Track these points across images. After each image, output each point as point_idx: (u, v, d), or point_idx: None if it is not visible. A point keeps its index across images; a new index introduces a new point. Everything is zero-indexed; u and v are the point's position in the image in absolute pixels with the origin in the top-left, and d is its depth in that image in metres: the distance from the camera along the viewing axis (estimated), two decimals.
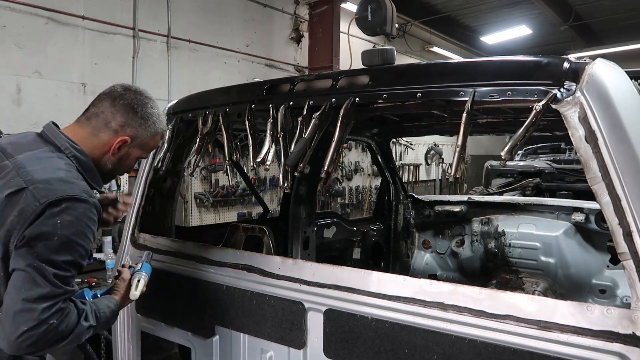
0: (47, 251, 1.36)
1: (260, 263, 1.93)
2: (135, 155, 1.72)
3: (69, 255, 1.40)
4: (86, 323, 1.47)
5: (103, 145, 1.63)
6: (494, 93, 1.47)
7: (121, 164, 1.70)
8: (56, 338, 1.38)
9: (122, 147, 1.65)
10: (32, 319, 1.33)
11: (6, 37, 4.64)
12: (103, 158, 1.64)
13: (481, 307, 1.39)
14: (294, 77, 2.01)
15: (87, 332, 1.49)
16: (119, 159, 1.67)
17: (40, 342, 1.35)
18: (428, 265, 3.90)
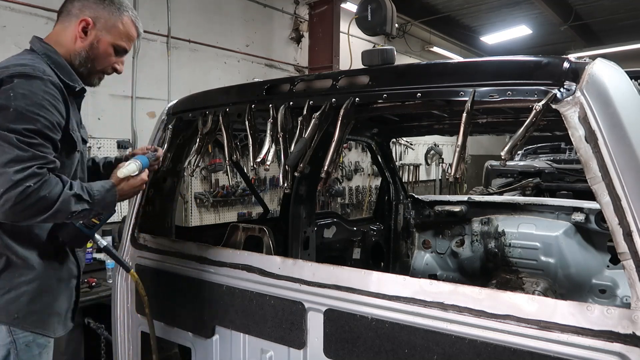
0: (5, 121, 1.42)
1: (260, 263, 1.93)
2: (107, 41, 1.71)
3: (30, 124, 1.44)
4: (72, 191, 1.50)
5: (71, 36, 1.67)
6: (494, 93, 1.47)
7: (95, 53, 1.70)
8: (41, 204, 1.41)
9: (88, 31, 1.67)
10: (6, 181, 1.37)
11: (6, 37, 4.64)
12: (75, 49, 1.68)
13: (481, 307, 1.39)
14: (294, 77, 2.01)
15: (77, 205, 1.51)
16: (91, 47, 1.69)
17: (22, 205, 1.38)
18: (428, 265, 3.90)
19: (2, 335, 1.60)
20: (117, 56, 1.79)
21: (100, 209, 1.64)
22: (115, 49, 1.76)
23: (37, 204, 1.42)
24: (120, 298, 2.42)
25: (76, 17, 1.68)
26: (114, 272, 2.48)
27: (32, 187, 1.39)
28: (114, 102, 5.40)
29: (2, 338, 1.60)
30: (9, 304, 1.60)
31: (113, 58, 1.77)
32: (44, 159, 1.45)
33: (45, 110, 1.49)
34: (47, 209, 1.44)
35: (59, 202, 1.46)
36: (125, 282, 2.39)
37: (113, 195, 1.68)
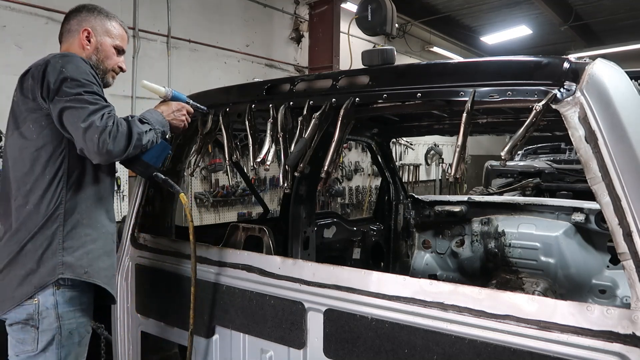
0: (70, 90, 1.69)
1: (260, 263, 1.93)
2: (109, 44, 1.98)
3: (88, 87, 1.72)
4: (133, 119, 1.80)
5: (78, 46, 1.95)
6: (494, 93, 1.47)
7: (103, 54, 1.97)
8: (123, 137, 1.70)
9: (90, 38, 1.95)
10: (96, 128, 1.65)
11: (6, 37, 4.65)
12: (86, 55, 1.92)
13: (481, 307, 1.39)
14: (294, 77, 2.01)
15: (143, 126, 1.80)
16: (97, 50, 1.96)
17: (116, 142, 1.68)
18: (428, 265, 3.90)
19: (50, 320, 1.73)
20: (119, 56, 2.04)
21: (160, 125, 1.90)
22: (116, 49, 2.01)
23: (122, 138, 1.70)
24: (120, 298, 2.42)
25: (77, 31, 1.95)
26: None
27: (113, 126, 1.68)
28: (114, 102, 5.32)
29: (50, 323, 1.73)
30: (79, 259, 1.78)
31: (116, 58, 2.02)
32: (109, 107, 1.74)
33: (94, 79, 1.78)
34: (130, 138, 1.72)
35: (133, 130, 1.74)
36: (125, 282, 2.39)
37: (157, 113, 1.95)
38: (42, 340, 1.72)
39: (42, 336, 1.72)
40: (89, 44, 1.95)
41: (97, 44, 1.96)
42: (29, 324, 1.72)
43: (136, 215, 2.44)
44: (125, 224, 2.48)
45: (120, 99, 5.49)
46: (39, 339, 1.72)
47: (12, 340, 1.78)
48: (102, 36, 1.97)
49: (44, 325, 1.72)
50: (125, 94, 5.59)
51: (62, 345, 1.75)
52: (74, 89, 1.69)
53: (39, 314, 1.72)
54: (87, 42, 1.95)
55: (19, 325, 1.74)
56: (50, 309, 1.73)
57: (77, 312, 1.79)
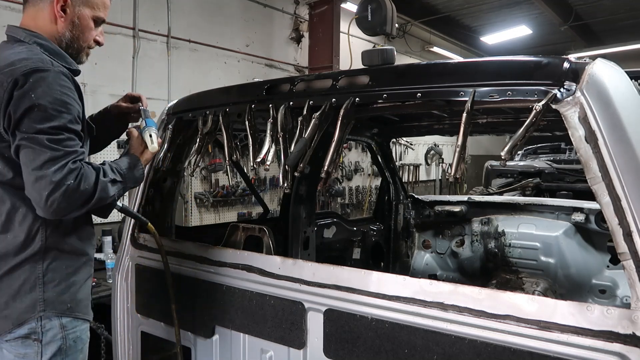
0: (33, 123, 1.45)
1: (260, 263, 1.93)
2: (87, 15, 1.68)
3: (55, 121, 1.47)
4: (106, 178, 1.58)
5: (49, 18, 1.63)
6: (494, 93, 1.47)
7: (79, 29, 1.68)
8: (82, 197, 1.49)
9: (66, 8, 1.63)
10: (48, 183, 1.43)
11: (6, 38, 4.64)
12: (58, 30, 1.65)
13: (481, 307, 1.39)
14: (294, 77, 2.01)
15: (113, 187, 1.60)
16: (73, 24, 1.66)
17: (67, 202, 1.46)
18: (428, 265, 3.90)
19: (54, 331, 1.65)
20: (97, 28, 1.76)
21: (133, 184, 1.74)
22: (94, 21, 1.72)
23: (80, 198, 1.49)
24: (120, 298, 2.42)
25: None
26: (113, 272, 2.48)
27: (73, 183, 1.46)
28: (114, 102, 5.40)
29: (54, 334, 1.65)
30: (61, 294, 1.66)
31: (94, 31, 1.74)
32: (75, 153, 1.51)
33: (66, 105, 1.52)
34: (89, 200, 1.51)
35: (97, 191, 1.53)
36: (125, 282, 2.39)
37: (140, 169, 1.77)
38: (46, 353, 1.63)
39: (47, 349, 1.63)
40: (64, 17, 1.62)
41: (73, 16, 1.64)
42: (30, 338, 1.62)
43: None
44: (125, 224, 2.48)
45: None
46: (43, 352, 1.62)
47: (8, 355, 1.65)
48: (81, 6, 1.64)
49: (47, 338, 1.63)
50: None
51: (67, 355, 1.68)
52: (37, 124, 1.44)
53: (42, 327, 1.62)
54: (62, 14, 1.62)
55: (19, 340, 1.62)
56: (54, 319, 1.65)
57: (79, 320, 1.73)
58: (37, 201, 1.47)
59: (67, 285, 1.67)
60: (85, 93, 1.82)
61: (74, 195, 1.46)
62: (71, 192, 1.45)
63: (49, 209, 1.46)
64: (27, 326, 1.62)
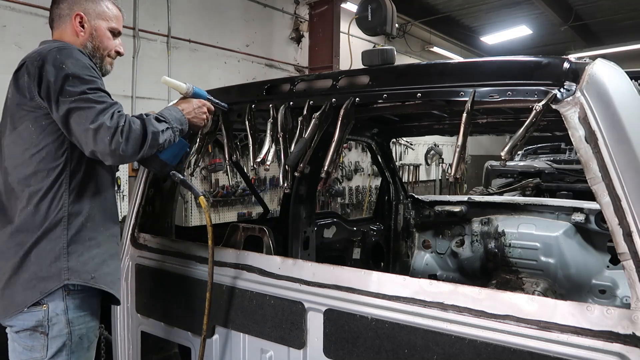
0: (74, 88, 1.61)
1: (260, 263, 1.93)
2: (104, 27, 1.87)
3: (91, 84, 1.64)
4: (148, 117, 1.71)
5: (72, 33, 1.83)
6: (494, 93, 1.47)
7: (98, 40, 1.86)
8: (137, 135, 1.63)
9: (84, 24, 1.83)
10: (107, 129, 1.57)
11: (6, 37, 4.64)
12: (81, 42, 1.83)
13: (481, 307, 1.39)
14: (294, 77, 2.01)
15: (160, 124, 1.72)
16: (92, 36, 1.85)
17: (128, 142, 1.60)
18: (428, 265, 3.90)
19: (60, 326, 1.68)
20: (115, 39, 1.92)
21: (178, 124, 1.82)
22: (111, 33, 1.90)
23: (136, 137, 1.62)
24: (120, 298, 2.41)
25: (68, 16, 1.83)
26: None
27: (125, 125, 1.60)
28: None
29: (60, 329, 1.68)
30: (85, 264, 1.73)
31: (112, 42, 1.91)
32: (117, 104, 1.67)
33: (94, 72, 1.70)
34: (145, 137, 1.65)
35: (147, 129, 1.66)
36: (125, 282, 2.39)
37: (178, 111, 1.86)
38: (52, 347, 1.66)
39: (52, 343, 1.67)
40: (83, 30, 1.82)
41: (91, 29, 1.83)
42: (37, 330, 1.66)
43: (136, 215, 2.44)
44: (125, 224, 2.48)
45: (121, 98, 5.44)
46: (49, 345, 1.66)
47: (17, 347, 1.70)
48: (96, 20, 1.84)
49: (54, 332, 1.67)
50: (126, 94, 5.59)
51: (72, 351, 1.70)
52: (77, 88, 1.60)
53: (48, 320, 1.66)
54: (81, 28, 1.82)
55: (26, 332, 1.67)
56: (61, 314, 1.68)
57: (87, 317, 1.75)
58: (103, 151, 1.59)
59: (90, 256, 1.74)
60: None
61: (130, 134, 1.60)
62: (127, 132, 1.60)
63: (115, 152, 1.58)
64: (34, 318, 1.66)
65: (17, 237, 1.69)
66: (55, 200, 1.69)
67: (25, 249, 1.67)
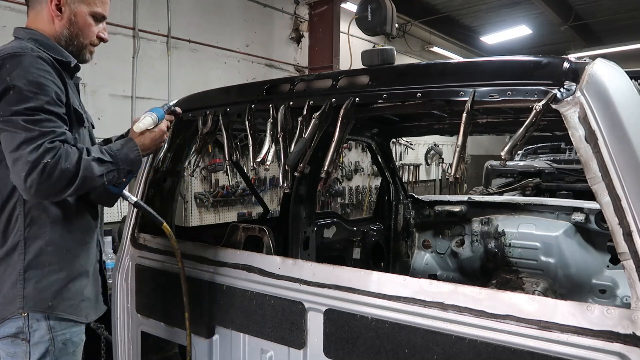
0: (8, 106, 1.43)
1: (260, 263, 1.93)
2: (83, 12, 1.69)
3: (30, 102, 1.45)
4: (90, 156, 1.51)
5: (47, 18, 1.66)
6: (494, 93, 1.47)
7: (77, 27, 1.69)
8: (64, 176, 1.43)
9: (61, 7, 1.65)
10: (25, 164, 1.39)
11: (6, 37, 4.63)
12: (56, 29, 1.67)
13: (481, 307, 1.39)
14: (294, 77, 2.01)
15: (100, 167, 1.53)
16: (71, 23, 1.67)
17: (47, 183, 1.41)
18: (428, 265, 3.90)
19: (41, 332, 1.62)
20: (98, 24, 1.76)
21: (127, 166, 1.65)
22: (94, 18, 1.73)
23: (61, 178, 1.43)
24: (120, 298, 2.42)
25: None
26: (114, 272, 2.48)
27: (50, 162, 1.41)
28: (114, 102, 5.40)
29: (42, 335, 1.62)
30: (42, 292, 1.62)
31: (95, 28, 1.74)
32: (53, 133, 1.46)
33: (42, 86, 1.49)
34: (72, 179, 1.46)
35: (81, 170, 1.47)
36: (125, 282, 2.39)
37: (134, 149, 1.68)
38: (34, 354, 1.60)
39: (35, 349, 1.61)
40: (60, 15, 1.65)
41: (70, 14, 1.66)
42: (19, 337, 1.61)
43: (136, 215, 2.44)
44: (125, 224, 2.48)
45: (120, 99, 5.49)
46: (31, 352, 1.60)
47: (2, 354, 1.66)
48: (75, 3, 1.66)
49: (35, 338, 1.61)
50: (125, 94, 5.58)
51: (57, 357, 1.64)
52: (12, 105, 1.43)
53: (29, 327, 1.60)
54: (58, 12, 1.64)
55: (8, 339, 1.62)
56: (41, 320, 1.62)
57: (70, 322, 1.68)
58: (18, 184, 1.45)
59: (48, 283, 1.62)
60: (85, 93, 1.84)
61: (53, 174, 1.41)
62: (49, 171, 1.41)
63: (29, 190, 1.42)
64: (14, 325, 1.60)
65: None
66: (10, 224, 1.59)
67: None
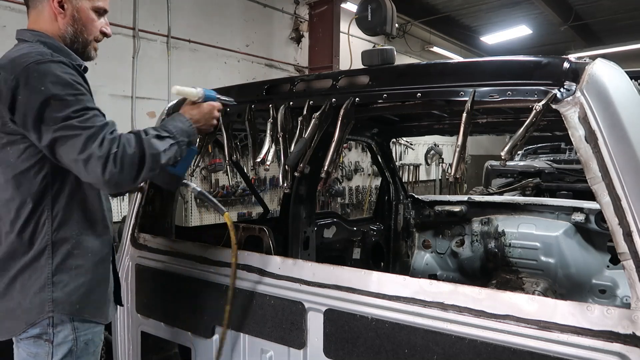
0: (56, 114, 1.44)
1: (260, 263, 1.93)
2: (86, 7, 1.67)
3: (75, 105, 1.47)
4: (149, 135, 1.55)
5: (49, 17, 1.64)
6: (494, 93, 1.47)
7: (81, 23, 1.67)
8: (134, 160, 1.48)
9: (65, 5, 1.63)
10: (97, 160, 1.43)
11: (6, 37, 4.63)
12: (60, 27, 1.65)
13: (481, 307, 1.39)
14: (294, 77, 2.01)
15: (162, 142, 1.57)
16: (74, 19, 1.66)
17: (123, 171, 1.46)
18: (428, 265, 3.90)
19: (66, 332, 1.63)
20: (100, 19, 1.74)
21: (184, 137, 1.67)
22: (96, 12, 1.71)
23: (132, 163, 1.48)
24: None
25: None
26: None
27: (118, 151, 1.45)
28: (114, 102, 5.41)
29: (66, 335, 1.63)
30: (70, 295, 1.63)
31: (97, 22, 1.72)
32: (107, 125, 1.51)
33: (77, 87, 1.52)
34: (142, 161, 1.50)
35: (146, 150, 1.51)
36: (125, 282, 2.39)
37: (185, 121, 1.70)
38: (57, 354, 1.61)
39: (58, 350, 1.61)
40: (63, 12, 1.63)
41: (72, 10, 1.63)
42: (42, 338, 1.61)
43: (136, 215, 2.44)
44: (125, 224, 2.48)
45: (120, 99, 5.50)
46: (54, 352, 1.61)
47: (22, 353, 1.65)
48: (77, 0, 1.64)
49: (59, 339, 1.62)
50: (125, 94, 5.59)
51: (78, 356, 1.65)
52: (60, 112, 1.44)
53: (53, 328, 1.60)
54: (60, 10, 1.62)
55: (30, 339, 1.62)
56: (67, 321, 1.63)
57: (92, 322, 1.70)
58: (97, 182, 1.48)
59: (76, 286, 1.64)
60: None
61: (124, 161, 1.46)
62: (121, 160, 1.45)
63: (109, 183, 1.46)
64: (39, 326, 1.61)
65: (3, 263, 1.62)
66: (38, 228, 1.59)
67: (11, 277, 1.61)
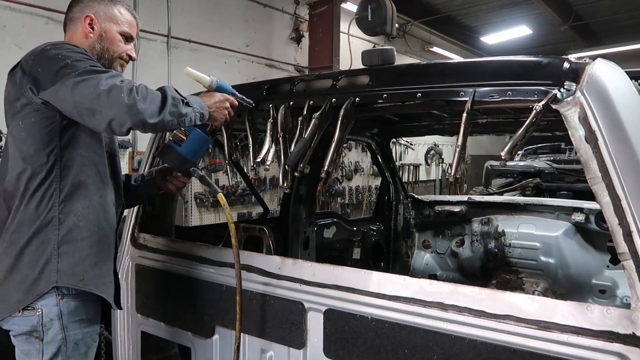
0: (71, 70, 1.55)
1: (260, 263, 1.93)
2: (115, 30, 1.85)
3: (85, 64, 1.58)
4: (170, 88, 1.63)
5: (81, 35, 1.83)
6: (494, 93, 1.47)
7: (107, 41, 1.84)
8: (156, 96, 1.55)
9: (94, 25, 1.82)
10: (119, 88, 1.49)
11: (6, 37, 4.64)
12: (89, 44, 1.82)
13: (481, 307, 1.40)
14: (294, 77, 2.01)
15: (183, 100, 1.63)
16: (101, 38, 1.83)
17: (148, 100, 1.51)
18: (428, 265, 3.90)
19: (54, 331, 1.65)
20: (127, 43, 1.91)
21: (198, 107, 1.70)
22: (123, 37, 1.89)
23: (154, 97, 1.55)
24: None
25: (79, 18, 1.83)
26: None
27: (141, 85, 1.55)
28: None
29: (54, 334, 1.65)
30: (75, 266, 1.67)
31: (124, 45, 1.89)
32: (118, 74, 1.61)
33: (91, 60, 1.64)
34: (164, 100, 1.57)
35: (167, 93, 1.59)
36: (125, 282, 2.39)
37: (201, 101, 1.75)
38: (47, 352, 1.64)
39: (47, 348, 1.64)
40: (92, 32, 1.82)
41: (100, 31, 1.83)
42: (33, 335, 1.64)
43: (136, 215, 2.44)
44: (125, 224, 2.48)
45: None
46: (44, 350, 1.64)
47: (17, 351, 1.70)
48: (106, 22, 1.84)
49: (48, 337, 1.64)
50: None
51: (68, 356, 1.67)
52: (78, 67, 1.55)
53: (42, 326, 1.63)
54: (90, 30, 1.81)
55: (23, 336, 1.66)
56: (55, 320, 1.65)
57: (83, 322, 1.71)
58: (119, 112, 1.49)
59: (81, 257, 1.69)
60: None
61: (148, 93, 1.54)
62: (142, 92, 1.52)
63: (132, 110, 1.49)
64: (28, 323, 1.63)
65: (12, 237, 1.67)
66: (45, 199, 1.65)
67: (18, 249, 1.65)
